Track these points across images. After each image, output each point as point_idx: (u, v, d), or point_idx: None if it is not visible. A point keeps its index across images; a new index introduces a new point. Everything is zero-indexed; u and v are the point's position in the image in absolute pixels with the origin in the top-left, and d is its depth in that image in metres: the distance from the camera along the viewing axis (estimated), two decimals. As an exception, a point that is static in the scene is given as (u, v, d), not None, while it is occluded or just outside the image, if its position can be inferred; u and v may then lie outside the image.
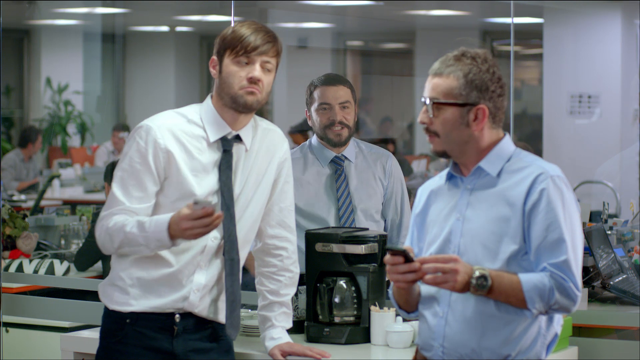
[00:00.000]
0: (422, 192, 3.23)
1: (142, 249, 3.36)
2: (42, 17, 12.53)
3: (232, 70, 3.41)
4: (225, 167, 3.45)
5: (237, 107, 3.44)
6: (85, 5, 11.70)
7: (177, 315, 3.48)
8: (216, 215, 3.21)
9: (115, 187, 3.41)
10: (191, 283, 3.45)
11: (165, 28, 14.18)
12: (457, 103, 3.05)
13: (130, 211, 3.39)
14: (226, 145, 3.46)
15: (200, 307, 3.49)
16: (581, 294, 3.01)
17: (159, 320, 3.47)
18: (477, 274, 2.95)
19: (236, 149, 3.49)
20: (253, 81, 3.40)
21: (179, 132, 3.43)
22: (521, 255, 3.01)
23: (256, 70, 3.40)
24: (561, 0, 9.39)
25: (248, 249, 3.61)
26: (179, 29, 14.28)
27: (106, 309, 3.53)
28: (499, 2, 9.21)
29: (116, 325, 3.49)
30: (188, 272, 3.45)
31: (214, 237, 3.45)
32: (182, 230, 3.24)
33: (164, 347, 3.48)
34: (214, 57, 3.47)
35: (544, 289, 2.96)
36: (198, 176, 3.44)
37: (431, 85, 3.08)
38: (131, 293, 3.46)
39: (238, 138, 3.49)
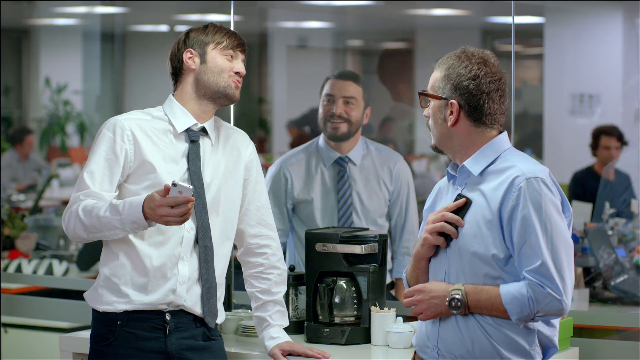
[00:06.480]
0: (435, 188, 3.25)
1: (118, 232, 3.39)
2: (41, 17, 12.51)
3: (221, 61, 3.53)
4: (193, 157, 3.52)
5: (220, 96, 3.54)
6: (84, 4, 11.67)
7: (168, 313, 3.49)
8: (190, 202, 3.26)
9: (84, 172, 3.47)
10: (176, 275, 3.48)
11: (164, 28, 14.15)
12: (435, 95, 3.05)
13: (95, 195, 3.43)
14: (193, 136, 3.54)
15: (189, 300, 3.50)
16: (565, 295, 2.91)
17: (151, 320, 3.49)
18: (450, 296, 2.98)
19: (202, 141, 3.57)
20: (240, 75, 3.55)
21: (145, 127, 3.52)
22: (504, 259, 2.98)
23: (242, 66, 3.56)
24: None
25: (228, 246, 3.62)
26: (178, 28, 14.25)
27: (95, 313, 3.54)
28: (499, 2, 9.20)
29: (107, 328, 3.50)
30: (171, 264, 3.48)
31: (189, 228, 3.50)
32: (158, 216, 3.30)
33: (156, 347, 3.49)
34: (191, 49, 3.53)
35: (522, 299, 2.92)
36: (167, 166, 3.49)
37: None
38: (122, 292, 3.47)
39: (204, 131, 3.56)
